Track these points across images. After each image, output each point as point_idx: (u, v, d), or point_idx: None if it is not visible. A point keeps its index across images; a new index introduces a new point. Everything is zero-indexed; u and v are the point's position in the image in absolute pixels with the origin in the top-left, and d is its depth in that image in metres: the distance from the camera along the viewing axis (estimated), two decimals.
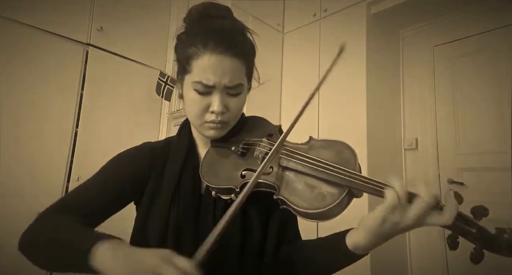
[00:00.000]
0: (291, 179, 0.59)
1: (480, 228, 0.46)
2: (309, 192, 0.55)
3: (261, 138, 0.68)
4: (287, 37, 2.48)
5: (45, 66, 2.00)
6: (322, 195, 0.54)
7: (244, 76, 0.66)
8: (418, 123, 2.18)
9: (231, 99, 0.65)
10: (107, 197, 0.65)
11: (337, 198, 0.52)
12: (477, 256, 0.46)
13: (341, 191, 0.53)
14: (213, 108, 0.63)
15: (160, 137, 2.54)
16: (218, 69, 0.61)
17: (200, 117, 0.65)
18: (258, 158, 0.64)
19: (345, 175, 0.53)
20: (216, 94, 0.63)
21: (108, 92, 2.27)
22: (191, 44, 0.63)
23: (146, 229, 0.65)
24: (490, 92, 1.89)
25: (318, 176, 0.55)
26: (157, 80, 2.41)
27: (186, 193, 0.66)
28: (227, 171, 0.65)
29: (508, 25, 1.86)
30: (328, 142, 0.62)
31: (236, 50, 0.62)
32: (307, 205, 0.54)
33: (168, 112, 2.57)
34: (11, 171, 1.81)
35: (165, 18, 2.69)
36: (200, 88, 0.62)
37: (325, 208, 0.52)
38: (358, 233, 0.54)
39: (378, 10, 2.02)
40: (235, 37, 0.64)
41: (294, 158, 0.59)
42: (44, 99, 1.99)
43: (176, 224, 0.63)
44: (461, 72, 2.04)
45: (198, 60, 0.62)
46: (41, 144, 1.95)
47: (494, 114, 1.87)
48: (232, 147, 0.67)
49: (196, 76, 0.62)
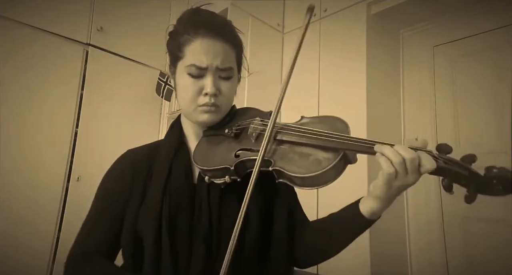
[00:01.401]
0: (286, 150, 0.60)
1: (471, 170, 0.50)
2: (305, 159, 0.57)
3: (252, 120, 0.69)
4: (287, 37, 2.48)
5: (45, 66, 2.00)
6: (318, 160, 0.56)
7: (234, 62, 0.70)
8: (418, 123, 2.18)
9: (223, 83, 0.68)
10: (114, 221, 0.67)
11: (333, 160, 0.54)
12: (470, 197, 0.50)
13: (336, 155, 0.55)
14: (206, 90, 0.66)
15: (160, 137, 2.53)
16: (210, 52, 0.65)
17: (193, 101, 0.67)
18: (251, 136, 0.65)
19: (339, 139, 0.56)
20: (208, 76, 0.66)
21: (108, 92, 2.27)
22: (183, 33, 0.67)
23: (139, 223, 0.65)
24: (490, 92, 1.89)
25: (313, 143, 0.57)
26: (157, 80, 2.41)
27: (178, 184, 0.66)
28: (221, 153, 0.66)
29: (508, 25, 1.86)
30: (320, 117, 0.65)
31: (226, 36, 0.67)
32: (304, 170, 0.55)
33: (168, 112, 2.57)
34: (11, 170, 1.81)
35: (165, 18, 2.69)
36: (193, 71, 0.65)
37: (322, 170, 0.54)
38: (370, 201, 0.59)
39: (378, 10, 2.02)
40: (224, 26, 0.69)
41: (289, 130, 0.61)
42: (44, 99, 1.99)
43: (170, 216, 0.63)
44: (461, 72, 2.04)
45: (190, 45, 0.65)
46: (41, 144, 1.95)
47: (494, 114, 1.87)
48: (225, 130, 0.68)
49: (189, 60, 0.65)
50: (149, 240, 0.62)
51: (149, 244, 0.61)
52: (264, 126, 0.64)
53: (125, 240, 0.65)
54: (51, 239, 1.91)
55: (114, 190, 0.69)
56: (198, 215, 0.64)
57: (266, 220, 0.67)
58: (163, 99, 2.46)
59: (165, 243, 0.61)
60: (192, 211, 0.65)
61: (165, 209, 0.63)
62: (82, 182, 2.05)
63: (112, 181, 0.71)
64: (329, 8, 2.19)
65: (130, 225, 0.65)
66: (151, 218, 0.63)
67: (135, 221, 0.65)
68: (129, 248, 0.65)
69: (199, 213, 0.64)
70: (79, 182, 2.04)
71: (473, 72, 1.98)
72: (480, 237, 1.82)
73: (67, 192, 2.01)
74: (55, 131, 2.02)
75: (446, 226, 1.97)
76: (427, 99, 2.16)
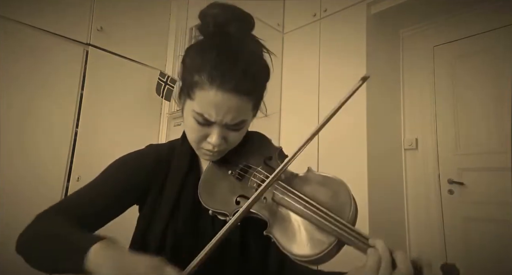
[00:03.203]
0: (283, 216, 0.57)
1: None
2: (300, 235, 0.54)
3: (259, 161, 0.67)
4: (287, 37, 2.48)
5: (45, 66, 2.00)
6: (313, 241, 0.52)
7: (249, 111, 0.63)
8: (418, 123, 2.18)
9: (231, 133, 0.63)
10: (106, 201, 0.64)
11: (327, 247, 0.50)
12: None
13: (332, 241, 0.51)
14: (211, 140, 0.61)
15: (160, 137, 2.55)
16: (222, 108, 0.57)
17: (197, 143, 0.64)
18: (252, 187, 0.63)
19: (337, 226, 0.50)
20: (215, 128, 0.61)
21: (108, 92, 2.27)
22: (198, 71, 0.57)
23: (145, 239, 0.65)
24: (490, 92, 1.89)
25: (310, 219, 0.53)
26: (157, 80, 2.41)
27: (186, 206, 0.66)
28: (223, 194, 0.64)
29: (508, 25, 1.86)
30: (326, 178, 0.59)
31: (245, 88, 0.57)
32: (296, 250, 0.52)
33: (168, 112, 2.57)
34: (11, 170, 1.81)
35: (165, 18, 2.68)
36: (200, 119, 0.60)
37: (314, 256, 0.51)
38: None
39: (378, 10, 2.02)
40: (247, 69, 0.58)
41: (288, 196, 0.57)
42: (44, 99, 1.98)
43: (175, 237, 0.63)
44: (461, 72, 2.04)
45: (202, 92, 0.57)
46: (41, 144, 1.95)
47: (494, 114, 1.87)
48: (229, 171, 0.66)
49: (198, 108, 0.58)
50: (152, 249, 0.62)
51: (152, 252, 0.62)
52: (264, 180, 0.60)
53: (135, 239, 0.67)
54: None
55: (126, 177, 0.67)
56: (202, 238, 0.63)
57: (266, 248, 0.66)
58: (163, 99, 2.46)
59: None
60: (197, 234, 0.65)
61: (170, 234, 0.63)
62: (82, 182, 2.03)
63: (130, 167, 0.68)
64: (329, 8, 2.19)
65: (141, 231, 0.66)
66: (157, 229, 0.64)
67: (146, 230, 0.65)
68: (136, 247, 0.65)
69: (204, 235, 0.64)
70: (79, 182, 2.04)
71: (473, 72, 1.99)
72: (480, 237, 1.82)
73: (67, 192, 2.01)
74: (55, 131, 2.02)
75: (446, 226, 1.97)
76: (427, 99, 2.16)
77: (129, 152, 0.71)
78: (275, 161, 0.67)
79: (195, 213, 0.66)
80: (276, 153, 0.68)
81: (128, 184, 0.66)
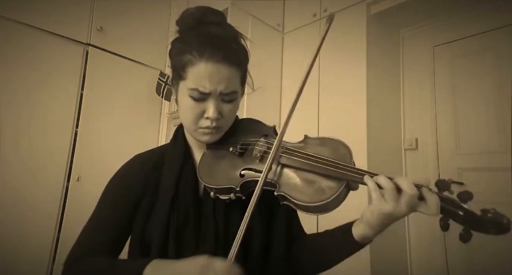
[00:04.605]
0: (290, 175, 0.61)
1: (466, 210, 0.52)
2: (309, 186, 0.58)
3: (258, 136, 0.69)
4: (287, 37, 2.48)
5: (45, 66, 2.00)
6: (322, 189, 0.57)
7: (238, 84, 0.68)
8: (418, 123, 2.18)
9: (225, 106, 0.66)
10: (118, 223, 0.68)
11: (336, 191, 0.55)
12: (465, 236, 0.53)
13: (339, 185, 0.56)
14: (208, 114, 0.64)
15: (160, 137, 2.55)
16: (214, 77, 0.62)
17: (194, 123, 0.66)
18: (256, 157, 0.65)
19: (343, 169, 0.56)
20: (211, 101, 0.64)
21: (108, 92, 2.27)
22: (186, 52, 0.63)
23: (146, 236, 0.66)
24: (490, 92, 1.89)
25: (317, 171, 0.58)
26: (157, 80, 2.42)
27: (185, 199, 0.67)
28: (226, 171, 0.66)
29: (508, 25, 1.86)
30: (323, 139, 0.65)
31: (232, 58, 0.63)
32: (308, 198, 0.56)
33: (168, 112, 2.57)
34: (11, 170, 1.81)
35: (165, 18, 2.69)
36: (195, 95, 0.63)
37: (325, 201, 0.55)
38: (363, 226, 0.59)
39: (378, 10, 2.02)
40: (230, 45, 0.65)
41: (293, 155, 0.62)
42: (44, 99, 1.99)
43: (177, 230, 0.64)
44: (461, 72, 2.04)
45: (193, 68, 0.62)
46: (41, 144, 1.95)
47: (494, 114, 1.87)
48: (230, 148, 0.68)
49: (192, 83, 0.63)
50: (156, 252, 0.63)
51: (156, 256, 0.62)
52: (269, 148, 0.64)
53: (132, 250, 0.67)
54: (51, 239, 1.91)
55: (122, 196, 0.69)
56: (204, 229, 0.65)
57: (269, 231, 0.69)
58: (163, 99, 2.46)
59: (171, 257, 0.62)
60: (199, 224, 0.66)
61: (173, 223, 0.64)
62: (82, 182, 2.05)
63: (119, 187, 0.71)
64: (329, 8, 2.19)
65: (138, 234, 0.66)
66: (158, 231, 0.64)
67: (143, 232, 0.66)
68: (136, 257, 0.66)
69: (206, 227, 0.65)
70: (79, 182, 2.05)
71: (473, 72, 1.98)
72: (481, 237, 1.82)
73: (67, 192, 2.01)
74: (55, 131, 2.02)
75: None
76: (427, 99, 2.16)
77: (116, 170, 0.74)
78: (271, 137, 0.70)
79: (195, 205, 0.67)
80: (271, 130, 0.72)
81: (125, 202, 0.69)
